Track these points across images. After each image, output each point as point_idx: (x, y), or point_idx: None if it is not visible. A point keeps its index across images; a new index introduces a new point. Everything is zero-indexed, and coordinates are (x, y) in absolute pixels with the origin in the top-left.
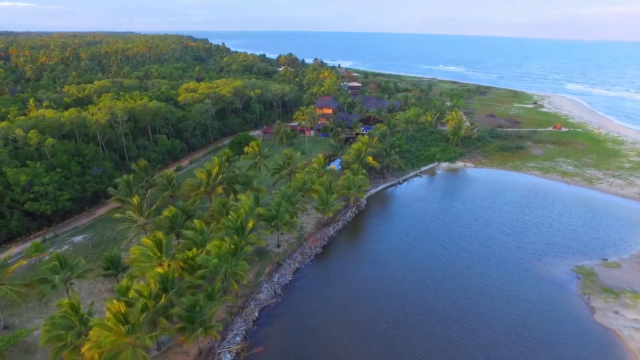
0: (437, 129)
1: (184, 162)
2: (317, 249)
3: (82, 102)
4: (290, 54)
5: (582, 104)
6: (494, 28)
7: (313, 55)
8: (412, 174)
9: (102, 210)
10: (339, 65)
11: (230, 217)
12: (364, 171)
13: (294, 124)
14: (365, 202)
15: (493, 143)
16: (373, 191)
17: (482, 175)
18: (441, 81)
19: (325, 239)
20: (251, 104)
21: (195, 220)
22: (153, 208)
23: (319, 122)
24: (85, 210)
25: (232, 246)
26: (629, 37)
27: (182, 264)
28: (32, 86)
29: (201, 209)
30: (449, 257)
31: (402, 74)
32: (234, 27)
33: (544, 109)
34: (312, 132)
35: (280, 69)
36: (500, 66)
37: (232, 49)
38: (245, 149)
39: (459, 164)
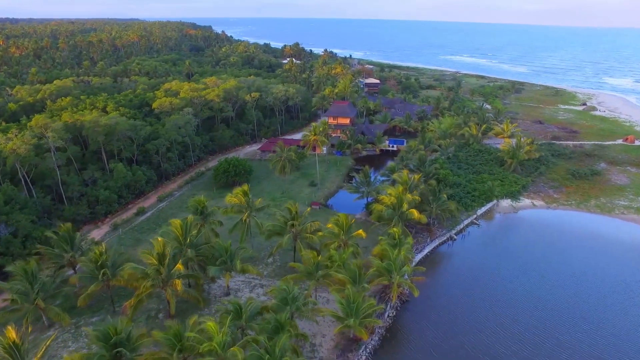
0: (485, 146)
1: (150, 200)
2: None
3: (34, 109)
4: (297, 44)
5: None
6: (505, 15)
7: (319, 44)
8: (466, 221)
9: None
10: (350, 56)
11: None
12: (409, 240)
13: (299, 135)
14: (408, 289)
15: (558, 165)
16: (418, 258)
17: (560, 223)
18: (466, 75)
19: None
20: (247, 110)
21: None
22: (43, 348)
23: (333, 134)
24: None
25: None
26: None
27: None
28: None
29: (157, 297)
30: None
31: (420, 66)
32: (241, 14)
33: (598, 113)
34: (324, 149)
35: (285, 62)
36: (522, 57)
37: (235, 37)
38: (228, 198)
39: (525, 201)
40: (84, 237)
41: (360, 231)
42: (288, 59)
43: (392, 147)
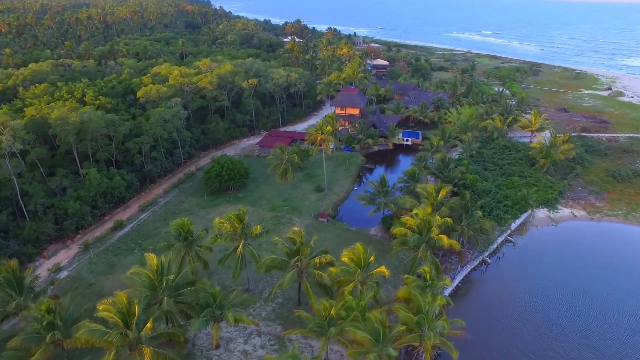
0: (511, 141)
1: (131, 209)
2: None
3: (5, 97)
4: (298, 21)
5: None
6: None
7: (320, 20)
8: (499, 239)
9: None
10: (355, 34)
11: None
12: (445, 281)
13: (302, 126)
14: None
15: (594, 164)
16: (448, 291)
17: (608, 240)
18: (478, 55)
19: None
20: (244, 99)
21: None
22: None
23: (341, 128)
24: None
25: None
26: None
27: None
28: None
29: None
30: None
31: (427, 44)
32: None
33: (625, 98)
34: (331, 145)
35: (286, 40)
36: (531, 35)
37: (234, 12)
38: (216, 222)
39: (564, 211)
40: (35, 277)
41: (382, 268)
42: (290, 37)
43: (407, 140)
